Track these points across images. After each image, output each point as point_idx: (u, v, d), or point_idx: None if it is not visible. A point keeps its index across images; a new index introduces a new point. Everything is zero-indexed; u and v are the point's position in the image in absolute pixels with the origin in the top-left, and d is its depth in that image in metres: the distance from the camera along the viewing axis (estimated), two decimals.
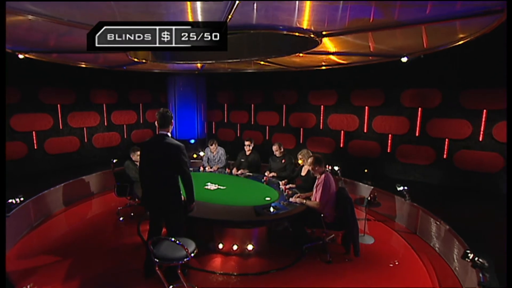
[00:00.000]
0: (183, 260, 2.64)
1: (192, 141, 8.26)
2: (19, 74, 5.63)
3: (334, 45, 4.09)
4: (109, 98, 7.60)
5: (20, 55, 4.42)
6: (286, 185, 4.61)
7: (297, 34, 3.34)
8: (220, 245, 3.88)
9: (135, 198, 4.92)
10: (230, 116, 8.87)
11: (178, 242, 2.61)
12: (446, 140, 5.58)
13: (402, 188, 4.48)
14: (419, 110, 5.84)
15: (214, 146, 5.91)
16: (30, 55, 4.53)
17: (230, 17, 2.74)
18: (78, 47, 4.09)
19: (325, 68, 5.83)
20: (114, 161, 5.30)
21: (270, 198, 4.18)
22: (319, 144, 7.18)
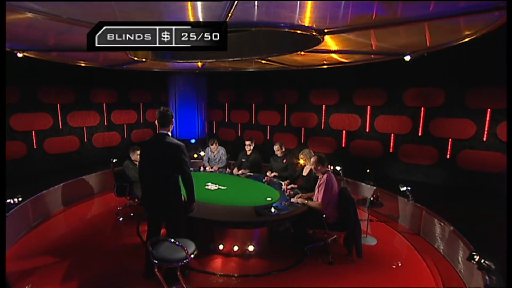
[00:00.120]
0: (183, 261, 2.61)
1: (192, 140, 8.22)
2: (19, 74, 5.60)
3: (335, 43, 4.04)
4: (109, 97, 7.56)
5: (19, 54, 4.39)
6: (288, 185, 4.56)
7: (298, 32, 3.29)
8: (220, 246, 3.84)
9: (135, 198, 4.89)
10: (231, 115, 8.83)
11: (177, 243, 2.58)
12: (450, 140, 5.52)
13: (405, 188, 4.43)
14: (422, 109, 5.78)
15: (214, 146, 5.88)
16: (29, 54, 4.50)
17: (230, 15, 2.71)
18: (78, 46, 4.05)
19: (326, 67, 5.77)
20: (114, 161, 5.27)
21: (271, 198, 4.14)
22: (321, 144, 7.13)
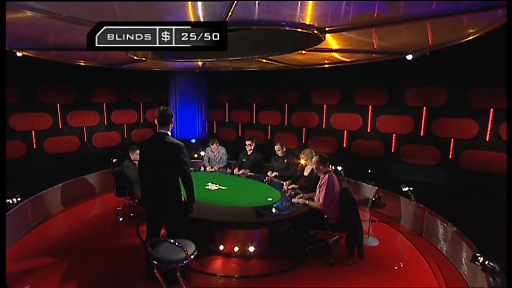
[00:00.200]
0: (182, 262, 2.58)
1: (193, 140, 8.20)
2: (19, 73, 5.57)
3: (337, 42, 4.00)
4: (109, 97, 7.53)
5: (18, 53, 4.36)
6: (289, 185, 4.53)
7: (300, 30, 3.25)
8: (221, 246, 3.81)
9: (135, 199, 4.87)
10: (231, 115, 8.80)
11: (177, 243, 2.56)
12: (452, 140, 5.48)
13: (407, 188, 4.39)
14: (424, 109, 5.74)
15: (215, 146, 5.85)
16: (28, 53, 4.47)
17: (230, 13, 2.69)
18: (77, 45, 4.02)
19: (327, 66, 5.73)
20: (114, 160, 5.24)
21: (272, 198, 4.12)
22: (322, 143, 7.09)
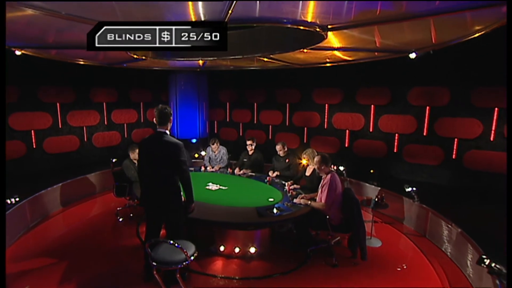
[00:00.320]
0: (182, 264, 2.55)
1: (193, 140, 8.17)
2: (18, 72, 5.54)
3: (339, 40, 3.95)
4: (109, 96, 7.48)
5: (17, 51, 4.34)
6: (291, 186, 4.49)
7: (301, 28, 3.21)
8: (221, 247, 3.78)
9: (134, 199, 4.84)
10: (232, 115, 8.75)
11: (177, 244, 2.52)
12: (455, 139, 5.40)
13: (410, 189, 4.34)
14: (427, 108, 5.67)
15: (215, 145, 5.82)
16: (27, 51, 4.44)
17: (230, 12, 2.68)
18: (77, 43, 3.99)
19: (329, 65, 5.68)
20: (114, 160, 5.21)
21: (273, 199, 4.09)
22: (324, 143, 7.03)
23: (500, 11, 2.60)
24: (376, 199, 4.25)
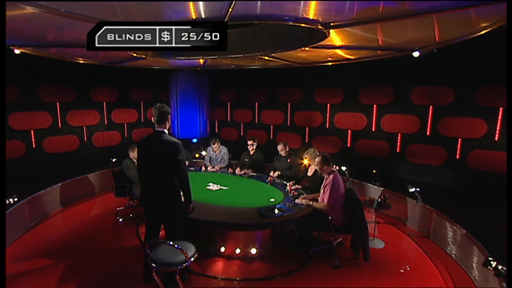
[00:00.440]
0: (182, 265, 2.52)
1: (194, 140, 8.13)
2: (18, 72, 5.51)
3: (341, 38, 3.90)
4: (109, 96, 7.44)
5: (16, 50, 4.30)
6: (292, 186, 4.44)
7: (303, 25, 3.16)
8: (222, 248, 3.74)
9: (134, 199, 4.79)
10: (233, 114, 8.70)
11: (176, 245, 2.48)
12: (459, 139, 5.33)
13: (413, 189, 4.28)
14: (430, 108, 5.60)
15: (216, 145, 5.78)
16: (27, 50, 4.40)
17: (230, 10, 2.66)
18: (76, 42, 3.96)
19: (331, 64, 5.63)
20: (114, 160, 5.18)
21: (274, 199, 4.04)
22: (325, 143, 6.97)
23: (503, 8, 2.55)
24: (379, 200, 4.19)
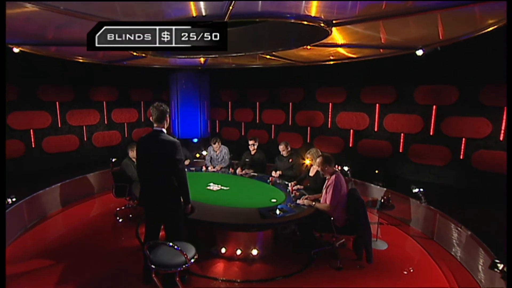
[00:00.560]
0: (182, 266, 2.48)
1: (195, 140, 8.09)
2: (17, 71, 5.48)
3: (343, 36, 3.84)
4: (109, 95, 7.41)
5: (15, 49, 4.26)
6: (294, 186, 4.39)
7: (305, 23, 3.11)
8: (222, 249, 3.70)
9: (134, 199, 4.75)
10: (234, 114, 8.66)
11: (176, 247, 2.44)
12: (463, 139, 5.27)
13: (417, 190, 4.22)
14: (434, 107, 5.53)
15: (217, 145, 5.73)
16: (26, 48, 4.36)
17: (231, 8, 2.63)
18: (76, 40, 3.92)
19: (333, 63, 5.57)
20: (113, 160, 5.14)
21: (276, 199, 3.99)
22: (327, 143, 6.91)
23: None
24: (382, 200, 4.13)
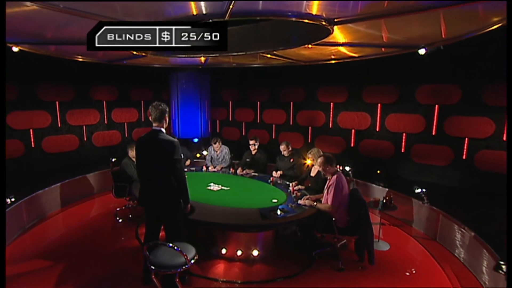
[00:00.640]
0: (182, 267, 2.45)
1: (195, 140, 8.05)
2: (16, 70, 5.44)
3: (344, 35, 3.81)
4: (109, 95, 7.37)
5: (14, 48, 4.23)
6: (295, 186, 4.35)
7: (306, 21, 3.08)
8: (223, 250, 3.68)
9: (134, 199, 4.73)
10: (235, 114, 8.62)
11: (176, 247, 2.42)
12: (466, 139, 5.22)
13: (420, 190, 4.18)
14: (436, 107, 5.48)
15: (218, 145, 5.70)
16: (25, 47, 4.33)
17: (231, 7, 2.62)
18: (76, 39, 3.90)
19: (334, 62, 5.53)
20: (113, 160, 5.11)
21: (277, 200, 3.96)
22: (328, 143, 6.87)
23: None
24: (384, 201, 4.09)
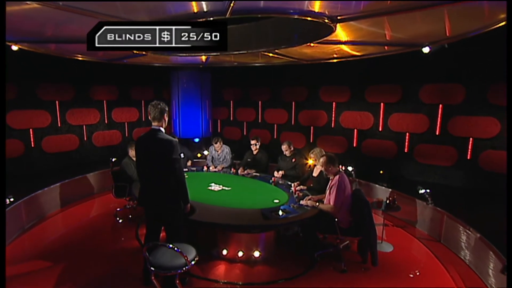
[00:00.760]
0: (182, 269, 2.42)
1: (196, 139, 8.01)
2: (16, 69, 5.42)
3: (347, 33, 3.76)
4: (109, 94, 7.34)
5: (13, 46, 4.20)
6: (297, 186, 4.30)
7: (309, 19, 3.03)
8: (224, 251, 3.64)
9: (134, 200, 4.69)
10: (236, 113, 8.59)
11: (176, 248, 2.38)
12: (470, 139, 5.15)
13: (423, 191, 4.12)
14: (440, 106, 5.42)
15: (218, 145, 5.66)
16: (24, 46, 4.30)
17: (232, 4, 2.60)
18: (75, 37, 3.86)
19: (337, 61, 5.48)
20: (113, 159, 5.09)
21: (278, 200, 3.92)
22: (331, 143, 6.82)
23: None
24: (387, 201, 4.03)
